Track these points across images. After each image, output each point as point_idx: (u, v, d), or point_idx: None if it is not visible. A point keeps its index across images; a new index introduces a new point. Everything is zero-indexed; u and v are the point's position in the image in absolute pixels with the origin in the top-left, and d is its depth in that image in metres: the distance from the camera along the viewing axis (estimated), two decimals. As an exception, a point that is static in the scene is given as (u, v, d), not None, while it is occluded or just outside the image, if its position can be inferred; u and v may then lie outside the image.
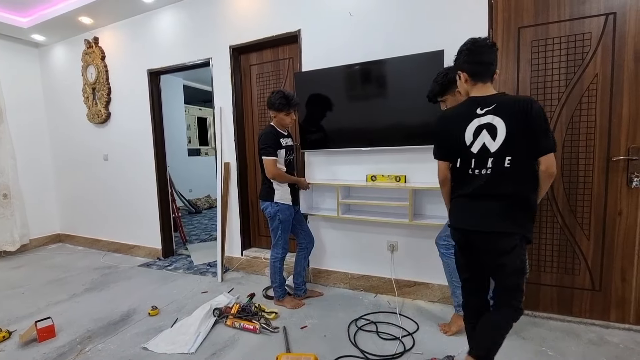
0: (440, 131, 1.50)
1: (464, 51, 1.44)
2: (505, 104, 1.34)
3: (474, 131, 1.36)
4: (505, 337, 1.41)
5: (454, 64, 1.51)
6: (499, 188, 1.34)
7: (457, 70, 1.47)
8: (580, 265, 2.10)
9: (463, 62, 1.44)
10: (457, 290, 1.93)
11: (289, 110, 2.29)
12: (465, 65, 1.43)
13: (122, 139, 3.83)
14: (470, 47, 1.42)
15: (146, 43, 3.50)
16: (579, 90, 2.01)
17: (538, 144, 1.30)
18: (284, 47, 2.89)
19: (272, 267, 2.42)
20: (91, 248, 4.25)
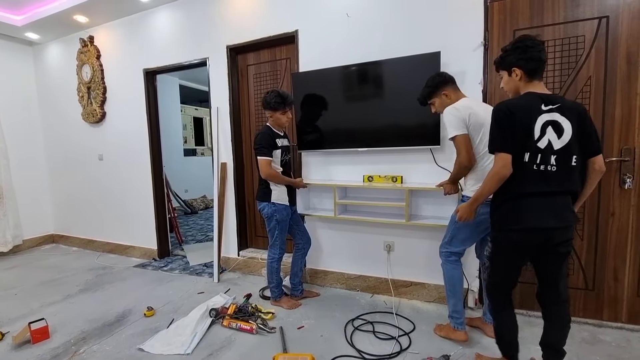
0: (510, 121, 1.37)
1: (519, 48, 1.43)
2: (568, 105, 1.41)
3: (541, 126, 1.36)
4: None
5: (501, 60, 1.51)
6: (568, 184, 1.40)
7: (510, 67, 1.47)
8: (574, 265, 2.12)
9: (518, 59, 1.43)
10: (450, 299, 1.93)
11: (285, 109, 2.29)
12: (522, 62, 1.43)
13: (117, 139, 3.80)
14: (528, 43, 1.42)
15: (142, 42, 3.48)
16: (573, 92, 2.03)
17: (593, 145, 1.42)
18: (281, 47, 2.90)
19: (269, 268, 2.42)
20: (85, 249, 4.21)
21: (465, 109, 1.74)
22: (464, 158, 1.76)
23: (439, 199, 2.34)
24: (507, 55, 1.48)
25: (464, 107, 1.76)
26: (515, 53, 1.44)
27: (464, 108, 1.75)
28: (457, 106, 1.76)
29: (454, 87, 1.89)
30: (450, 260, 1.92)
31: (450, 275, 1.92)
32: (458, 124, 1.73)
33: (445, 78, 1.90)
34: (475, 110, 1.75)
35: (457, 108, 1.75)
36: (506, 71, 1.50)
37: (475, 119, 1.73)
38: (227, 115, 3.09)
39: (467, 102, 1.81)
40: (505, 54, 1.49)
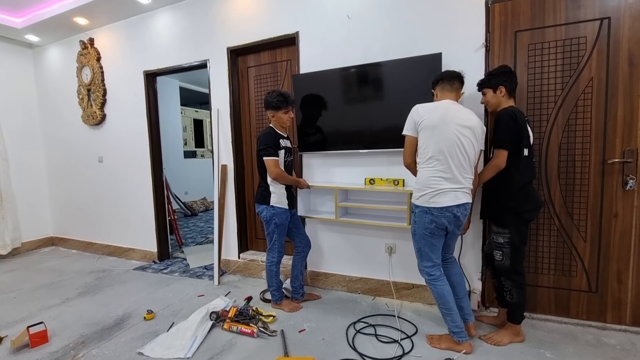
0: (515, 125, 1.77)
1: (505, 72, 1.88)
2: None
3: (528, 128, 1.83)
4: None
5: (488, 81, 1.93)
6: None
7: (497, 86, 1.88)
8: (577, 267, 2.11)
9: (504, 80, 1.87)
10: (446, 317, 1.87)
11: (287, 107, 2.28)
12: (507, 84, 1.87)
13: (117, 141, 3.79)
14: (510, 70, 1.90)
15: (142, 44, 3.48)
16: (574, 93, 2.03)
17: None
18: (281, 49, 2.89)
19: (268, 271, 2.40)
20: (85, 251, 4.19)
21: (425, 112, 1.78)
22: (404, 159, 1.94)
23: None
24: (493, 77, 1.90)
25: (426, 109, 1.79)
26: (501, 75, 1.87)
27: (423, 110, 1.79)
28: (419, 107, 1.82)
29: (442, 87, 1.88)
30: (433, 277, 1.86)
31: (440, 294, 1.85)
32: (408, 124, 1.85)
33: (438, 77, 1.92)
34: (432, 115, 1.76)
35: (417, 109, 1.82)
36: (491, 89, 1.91)
37: (427, 124, 1.75)
38: (227, 117, 3.08)
39: (435, 105, 1.81)
40: (491, 76, 1.92)
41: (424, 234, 1.81)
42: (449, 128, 1.72)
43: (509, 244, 1.86)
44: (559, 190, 2.10)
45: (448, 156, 1.72)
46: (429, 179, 1.76)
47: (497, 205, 1.89)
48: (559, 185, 2.10)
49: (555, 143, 2.09)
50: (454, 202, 1.73)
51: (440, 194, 1.73)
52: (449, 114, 1.75)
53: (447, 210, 1.74)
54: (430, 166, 1.75)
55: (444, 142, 1.72)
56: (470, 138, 1.76)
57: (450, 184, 1.73)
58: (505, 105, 1.87)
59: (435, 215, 1.75)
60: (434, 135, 1.73)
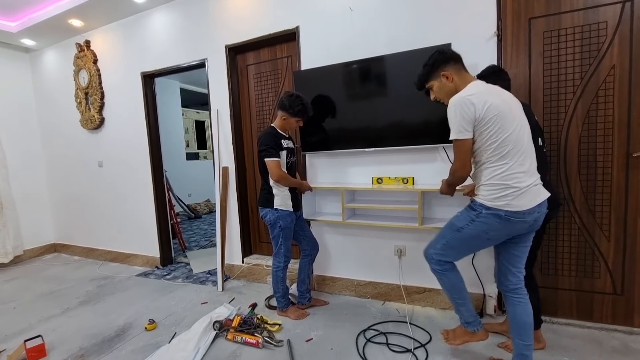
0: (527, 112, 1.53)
1: (497, 72, 1.75)
2: None
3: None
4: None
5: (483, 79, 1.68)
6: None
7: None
8: (600, 267, 1.98)
9: (496, 80, 1.65)
10: (461, 307, 1.67)
11: (303, 117, 2.18)
12: (501, 83, 1.63)
13: (116, 145, 3.71)
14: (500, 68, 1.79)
15: (139, 45, 3.38)
16: (595, 82, 1.90)
17: None
18: (281, 45, 2.78)
19: (274, 277, 2.30)
20: (87, 258, 4.12)
21: (482, 99, 1.36)
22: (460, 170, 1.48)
23: (454, 200, 2.21)
24: (484, 78, 1.64)
25: (480, 97, 1.37)
26: (493, 76, 1.71)
27: (477, 99, 1.36)
28: (466, 98, 1.38)
29: (457, 68, 1.50)
30: (446, 269, 1.59)
31: (453, 285, 1.62)
32: (461, 123, 1.38)
33: (446, 55, 1.51)
34: (494, 101, 1.36)
35: (466, 101, 1.37)
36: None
37: (493, 112, 1.35)
38: (227, 118, 2.98)
39: (477, 88, 1.41)
40: (482, 78, 1.68)
41: (476, 237, 1.47)
42: (515, 110, 1.40)
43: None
44: (579, 186, 1.98)
45: (527, 147, 1.40)
46: (508, 176, 1.36)
47: None
48: (580, 181, 1.97)
49: (574, 136, 1.96)
50: (537, 202, 1.38)
51: (523, 194, 1.36)
52: (504, 94, 1.44)
53: (529, 214, 1.38)
54: (509, 160, 1.36)
55: (522, 129, 1.39)
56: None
57: (530, 178, 1.38)
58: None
59: (511, 222, 1.38)
60: (506, 124, 1.35)
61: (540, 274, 2.10)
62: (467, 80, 1.48)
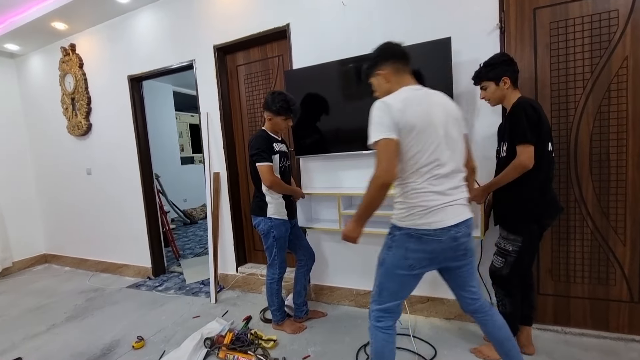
0: (538, 115, 1.53)
1: (507, 61, 1.63)
2: None
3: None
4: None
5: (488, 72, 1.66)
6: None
7: (500, 77, 1.63)
8: (616, 274, 1.85)
9: (507, 70, 1.62)
10: None
11: (289, 115, 2.04)
12: (510, 74, 1.62)
13: (105, 152, 3.58)
14: (511, 58, 1.65)
15: (125, 48, 3.25)
16: (606, 76, 1.77)
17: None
18: (272, 44, 2.65)
19: (268, 289, 2.17)
20: (78, 269, 3.99)
21: (403, 106, 1.23)
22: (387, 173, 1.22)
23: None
24: (494, 67, 1.64)
25: (402, 103, 1.24)
26: (503, 65, 1.63)
27: (399, 104, 1.23)
28: (388, 100, 1.26)
29: (397, 68, 1.35)
30: (381, 325, 1.33)
31: (378, 350, 1.34)
32: (384, 121, 1.23)
33: (387, 52, 1.37)
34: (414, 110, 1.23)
35: (388, 103, 1.25)
36: (493, 82, 1.65)
37: (411, 122, 1.21)
38: (217, 121, 2.85)
39: (405, 94, 1.28)
40: (490, 66, 1.65)
41: (399, 266, 1.29)
42: (438, 123, 1.25)
43: (517, 253, 1.63)
44: (591, 188, 1.85)
45: (441, 162, 1.24)
46: (418, 194, 1.24)
47: (512, 209, 1.64)
48: (592, 182, 1.84)
49: (585, 133, 1.83)
50: (454, 221, 1.24)
51: (432, 212, 1.23)
52: (431, 104, 1.28)
53: (443, 233, 1.23)
54: (417, 178, 1.24)
55: (438, 146, 1.24)
56: (461, 132, 1.34)
57: (444, 198, 1.24)
58: (512, 98, 1.63)
59: (424, 240, 1.24)
60: (422, 138, 1.22)
61: (551, 280, 1.98)
62: (402, 83, 1.34)
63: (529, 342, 1.80)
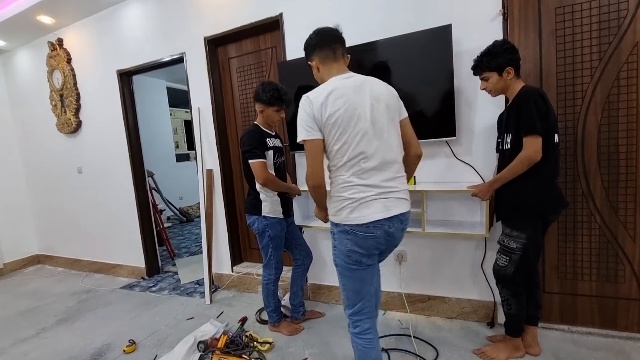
0: (546, 104, 1.44)
1: (509, 49, 1.52)
2: None
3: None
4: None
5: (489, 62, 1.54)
6: None
7: (503, 67, 1.52)
8: (625, 270, 1.78)
9: (510, 59, 1.52)
10: None
11: (280, 106, 1.94)
12: (513, 62, 1.52)
13: (95, 149, 3.48)
14: (514, 45, 1.54)
15: (114, 41, 3.14)
16: (615, 63, 1.68)
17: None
18: (265, 35, 2.55)
19: (264, 290, 2.09)
20: (72, 269, 3.90)
21: (325, 100, 1.20)
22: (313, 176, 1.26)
23: (459, 200, 2.00)
24: (496, 56, 1.53)
25: (324, 97, 1.20)
26: (505, 54, 1.52)
27: (320, 99, 1.20)
28: (310, 96, 1.24)
29: (323, 56, 1.30)
30: (357, 330, 1.31)
31: (360, 357, 1.33)
32: (305, 122, 1.22)
33: (312, 41, 1.33)
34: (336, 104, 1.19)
35: (308, 100, 1.23)
36: (496, 72, 1.55)
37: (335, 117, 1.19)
38: (209, 116, 2.75)
39: (332, 85, 1.23)
40: (492, 55, 1.54)
41: (348, 262, 1.26)
42: (364, 114, 1.21)
43: (522, 250, 1.56)
44: (599, 181, 1.77)
45: (369, 154, 1.21)
46: (346, 187, 1.22)
47: (515, 204, 1.55)
48: (600, 175, 1.76)
49: (593, 124, 1.74)
50: (387, 214, 1.21)
51: (362, 205, 1.20)
52: (358, 93, 1.23)
53: (376, 227, 1.21)
54: (345, 171, 1.22)
55: (363, 137, 1.20)
56: (394, 119, 1.29)
57: (374, 190, 1.21)
58: (516, 88, 1.53)
59: (361, 237, 1.22)
60: (348, 130, 1.19)
61: (557, 278, 1.90)
62: (331, 72, 1.29)
63: (535, 342, 1.73)
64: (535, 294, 1.71)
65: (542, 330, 1.88)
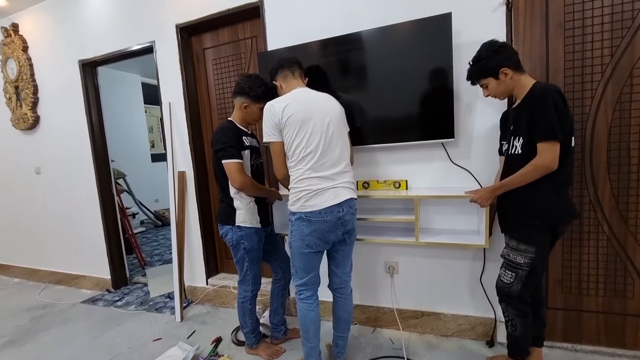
0: (565, 105, 1.28)
1: (497, 50, 1.38)
2: None
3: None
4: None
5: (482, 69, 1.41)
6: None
7: (497, 71, 1.37)
8: (634, 285, 1.64)
9: (503, 59, 1.36)
10: (303, 346, 1.65)
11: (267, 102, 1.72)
12: (507, 62, 1.36)
13: (55, 148, 3.13)
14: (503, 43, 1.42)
15: (75, 28, 2.82)
16: (629, 59, 1.53)
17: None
18: (244, 23, 2.31)
19: (240, 309, 1.85)
20: (30, 280, 3.53)
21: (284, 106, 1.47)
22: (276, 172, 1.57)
23: (456, 206, 1.82)
24: (487, 61, 1.39)
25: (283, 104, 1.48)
26: (495, 55, 1.38)
27: (280, 105, 1.48)
28: (273, 103, 1.51)
29: (284, 76, 1.60)
30: (302, 297, 1.61)
31: (301, 317, 1.61)
32: (267, 127, 1.51)
33: (276, 67, 1.62)
34: (294, 108, 1.46)
35: (272, 107, 1.50)
36: (492, 77, 1.40)
37: (293, 119, 1.45)
38: (182, 112, 2.49)
39: (289, 97, 1.51)
40: (482, 61, 1.40)
41: (301, 246, 1.52)
42: (316, 118, 1.47)
43: (529, 266, 1.38)
44: (609, 188, 1.62)
45: (321, 151, 1.46)
46: (303, 180, 1.47)
47: (523, 215, 1.38)
48: (610, 182, 1.62)
49: (603, 126, 1.59)
50: (336, 201, 1.46)
51: (316, 195, 1.45)
52: (312, 102, 1.51)
53: (327, 213, 1.45)
54: (303, 165, 1.47)
55: (316, 136, 1.46)
56: (340, 125, 1.55)
57: (327, 182, 1.46)
58: (525, 84, 1.36)
59: (313, 222, 1.46)
60: (302, 130, 1.45)
61: (561, 293, 1.75)
62: (292, 87, 1.57)
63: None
64: (539, 310, 1.55)
65: (545, 349, 1.72)
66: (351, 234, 1.58)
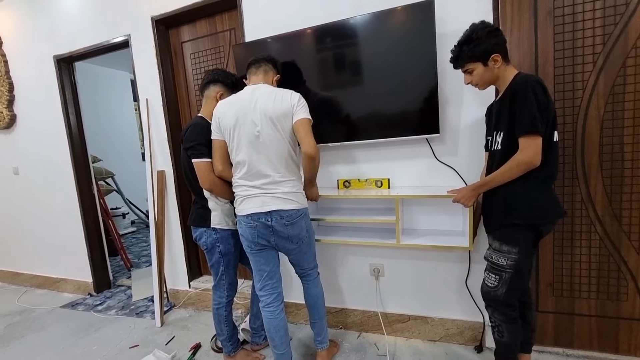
0: (548, 97, 1.20)
1: (492, 32, 1.27)
2: None
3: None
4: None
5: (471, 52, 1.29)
6: None
7: (488, 56, 1.27)
8: (628, 287, 1.56)
9: (496, 44, 1.26)
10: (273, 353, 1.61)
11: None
12: (499, 47, 1.27)
13: (33, 147, 3.03)
14: (497, 27, 1.33)
15: (50, 22, 2.70)
16: (621, 48, 1.44)
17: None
18: (222, 15, 2.20)
19: (215, 316, 1.77)
20: (11, 284, 3.44)
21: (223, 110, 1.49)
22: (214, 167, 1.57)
23: (441, 206, 1.74)
24: (478, 43, 1.27)
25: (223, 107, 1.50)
26: (489, 38, 1.26)
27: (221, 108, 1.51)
28: (219, 104, 1.53)
29: (250, 72, 1.57)
30: (262, 304, 1.59)
31: (265, 325, 1.58)
32: (213, 124, 1.53)
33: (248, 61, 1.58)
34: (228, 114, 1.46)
35: (217, 106, 1.53)
36: (480, 62, 1.30)
37: (226, 124, 1.47)
38: (160, 109, 2.39)
39: (232, 100, 1.51)
40: (472, 42, 1.28)
41: (245, 248, 1.56)
42: (245, 126, 1.43)
43: (513, 268, 1.30)
44: (601, 186, 1.53)
45: (249, 163, 1.44)
46: (237, 186, 1.51)
47: (505, 213, 1.30)
48: (602, 179, 1.53)
49: (595, 120, 1.51)
50: (263, 209, 1.43)
51: (245, 200, 1.47)
52: (245, 106, 1.43)
53: (253, 219, 1.45)
54: (237, 173, 1.50)
55: (242, 147, 1.44)
56: (277, 131, 1.42)
57: (255, 190, 1.45)
58: (507, 76, 1.28)
59: (242, 225, 1.49)
60: (232, 138, 1.46)
61: (552, 296, 1.67)
62: (250, 84, 1.56)
63: None
64: (527, 315, 1.47)
65: (535, 354, 1.65)
66: (292, 240, 1.49)
